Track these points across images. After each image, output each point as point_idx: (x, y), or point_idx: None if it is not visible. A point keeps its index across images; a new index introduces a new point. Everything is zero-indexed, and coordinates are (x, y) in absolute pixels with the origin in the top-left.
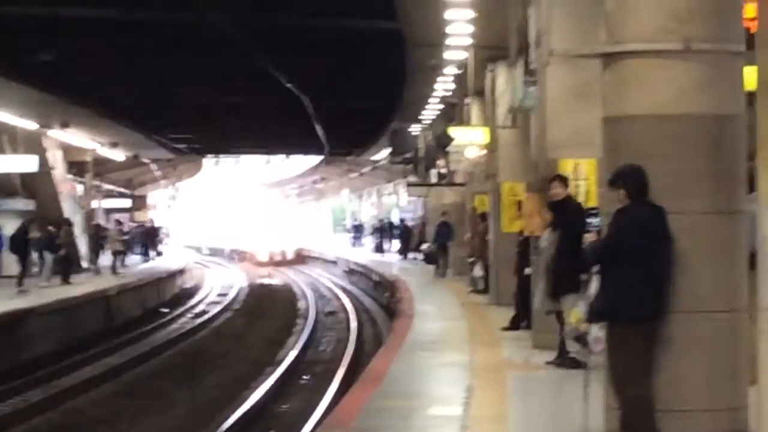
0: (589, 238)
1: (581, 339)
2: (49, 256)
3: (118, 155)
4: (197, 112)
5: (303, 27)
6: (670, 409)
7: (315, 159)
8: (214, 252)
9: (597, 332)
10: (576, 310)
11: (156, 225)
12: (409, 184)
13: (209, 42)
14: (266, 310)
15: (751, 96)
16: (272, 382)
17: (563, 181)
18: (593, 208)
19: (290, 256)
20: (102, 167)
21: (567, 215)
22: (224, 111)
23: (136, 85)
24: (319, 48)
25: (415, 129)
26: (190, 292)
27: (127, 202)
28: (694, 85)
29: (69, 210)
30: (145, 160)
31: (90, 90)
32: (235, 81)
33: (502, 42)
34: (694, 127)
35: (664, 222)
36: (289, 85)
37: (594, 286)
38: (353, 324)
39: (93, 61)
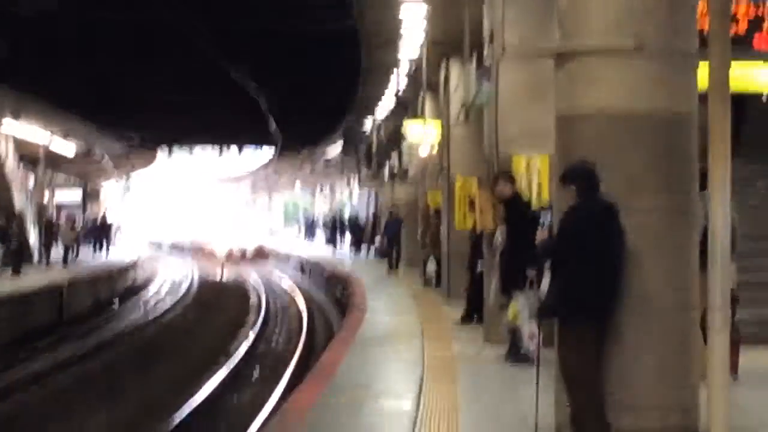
0: (540, 234)
1: (515, 334)
2: None
3: (70, 148)
4: (150, 106)
5: (257, 27)
6: (621, 406)
7: (268, 153)
8: (175, 248)
9: (533, 327)
10: (514, 304)
11: (108, 219)
12: (362, 180)
13: (165, 39)
14: (218, 305)
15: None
16: (224, 376)
17: (509, 178)
18: (545, 206)
19: (250, 253)
20: (54, 160)
21: (514, 212)
22: (178, 106)
23: (90, 78)
24: (274, 46)
25: (368, 125)
26: (143, 286)
27: (78, 195)
28: (646, 83)
29: (20, 202)
30: (98, 153)
31: (43, 82)
32: (189, 77)
33: (455, 38)
34: (646, 125)
35: (615, 219)
36: (242, 82)
37: (545, 282)
38: (305, 319)
39: (47, 54)
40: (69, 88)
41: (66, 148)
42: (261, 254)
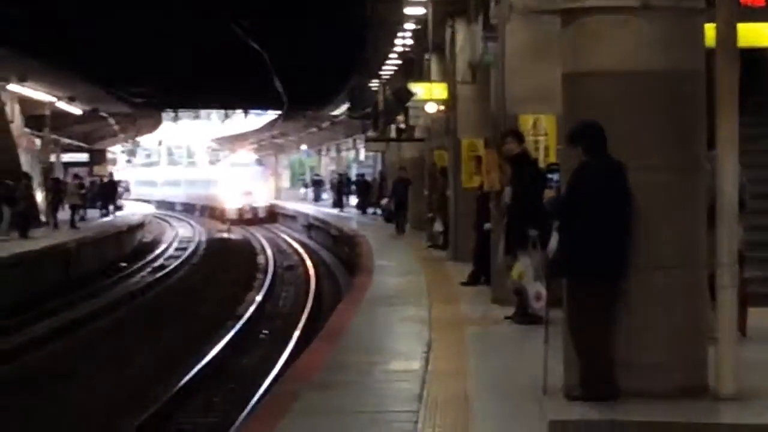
0: (548, 194)
1: (521, 293)
2: (7, 210)
3: (76, 109)
4: (156, 67)
5: None
6: (630, 364)
7: (274, 114)
8: (184, 207)
9: (538, 288)
10: (518, 264)
11: (115, 179)
12: (368, 139)
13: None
14: (225, 265)
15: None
16: (231, 337)
17: (517, 136)
18: (553, 164)
19: (262, 213)
20: (60, 121)
21: (521, 171)
22: (184, 66)
23: (95, 39)
24: (278, 4)
25: (374, 84)
26: (151, 246)
27: (85, 157)
28: (653, 41)
29: (27, 164)
30: (104, 114)
31: (48, 44)
32: (195, 37)
33: None
34: (652, 83)
35: (623, 177)
36: (248, 41)
37: (553, 242)
38: (312, 279)
39: (52, 15)
40: (74, 51)
41: (72, 109)
42: (272, 215)
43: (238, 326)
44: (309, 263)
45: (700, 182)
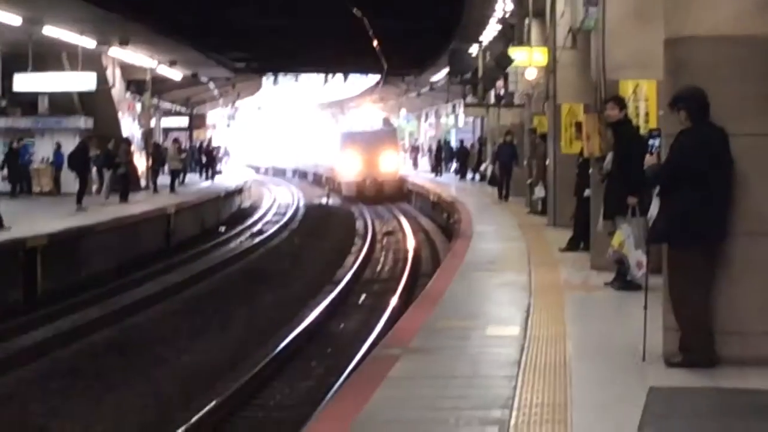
0: (649, 160)
1: (622, 262)
2: (107, 175)
3: (177, 74)
4: (256, 32)
5: None
6: (729, 332)
7: (373, 80)
8: (287, 173)
9: (639, 256)
10: (619, 233)
11: (215, 144)
12: (467, 105)
13: None
14: (323, 229)
15: None
16: (329, 301)
17: (619, 102)
18: (654, 130)
19: (389, 188)
20: (160, 86)
21: (622, 137)
22: (284, 31)
23: (195, 2)
24: None
25: (474, 49)
26: (249, 212)
27: (185, 121)
28: (757, 6)
29: (127, 128)
30: (204, 79)
31: (149, 7)
32: (295, 1)
33: None
34: (756, 48)
35: (725, 143)
36: (348, 5)
37: (654, 208)
38: (411, 244)
39: None
40: (175, 15)
41: (172, 74)
42: (401, 191)
43: (336, 290)
44: (408, 228)
45: None
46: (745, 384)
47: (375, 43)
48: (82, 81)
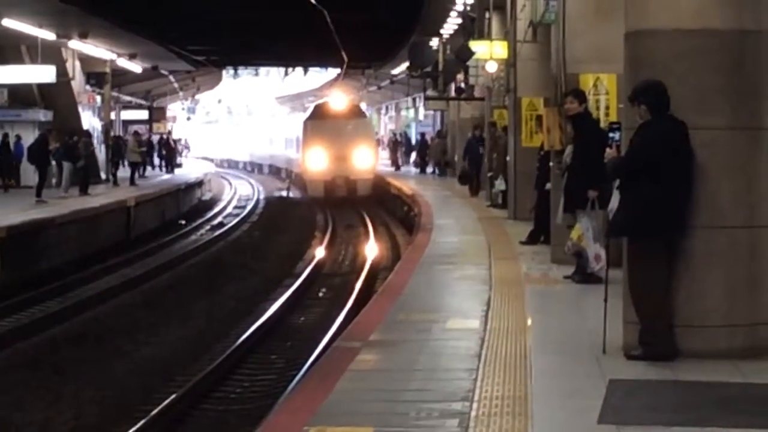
0: (609, 153)
1: (580, 255)
2: (67, 167)
3: (137, 67)
4: (216, 25)
5: None
6: (689, 325)
7: (333, 74)
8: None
9: (597, 249)
10: (578, 226)
11: (174, 137)
12: (427, 98)
13: None
14: (283, 223)
15: None
16: (289, 295)
17: (578, 95)
18: (614, 123)
19: (362, 188)
20: (120, 78)
21: (582, 130)
22: (244, 24)
23: None
24: None
25: (434, 43)
26: (209, 205)
27: (145, 114)
28: (717, 1)
29: (87, 121)
30: (164, 72)
31: (109, 0)
32: None
33: None
34: (715, 42)
35: (685, 137)
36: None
37: (614, 201)
38: (371, 239)
39: None
40: (135, 8)
41: (132, 67)
42: (373, 190)
43: (296, 284)
44: (368, 221)
45: (761, 141)
46: (703, 376)
47: (335, 36)
48: (42, 73)
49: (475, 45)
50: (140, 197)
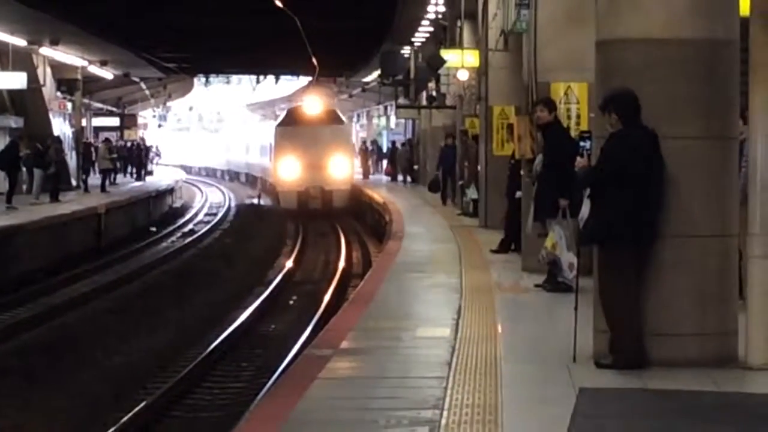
0: (580, 162)
1: (555, 263)
2: (38, 174)
3: (108, 74)
4: (188, 33)
5: None
6: (659, 333)
7: (304, 81)
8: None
9: (570, 258)
10: (552, 235)
11: (145, 144)
12: (399, 106)
13: None
14: (255, 231)
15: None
16: (260, 302)
17: (549, 104)
18: (585, 132)
19: (338, 200)
20: (92, 85)
21: (552, 139)
22: (215, 31)
23: (127, 3)
24: None
25: (406, 51)
26: (180, 212)
27: (116, 121)
28: (687, 9)
29: (58, 127)
30: (135, 79)
31: (80, 7)
32: (226, 1)
33: None
34: (687, 51)
35: (656, 146)
36: (280, 5)
37: (585, 209)
38: (342, 247)
39: None
40: (106, 15)
41: (103, 74)
42: (351, 202)
43: (267, 291)
44: (340, 229)
45: (732, 151)
46: (673, 385)
47: (307, 44)
48: (13, 80)
49: (446, 53)
50: (111, 204)
